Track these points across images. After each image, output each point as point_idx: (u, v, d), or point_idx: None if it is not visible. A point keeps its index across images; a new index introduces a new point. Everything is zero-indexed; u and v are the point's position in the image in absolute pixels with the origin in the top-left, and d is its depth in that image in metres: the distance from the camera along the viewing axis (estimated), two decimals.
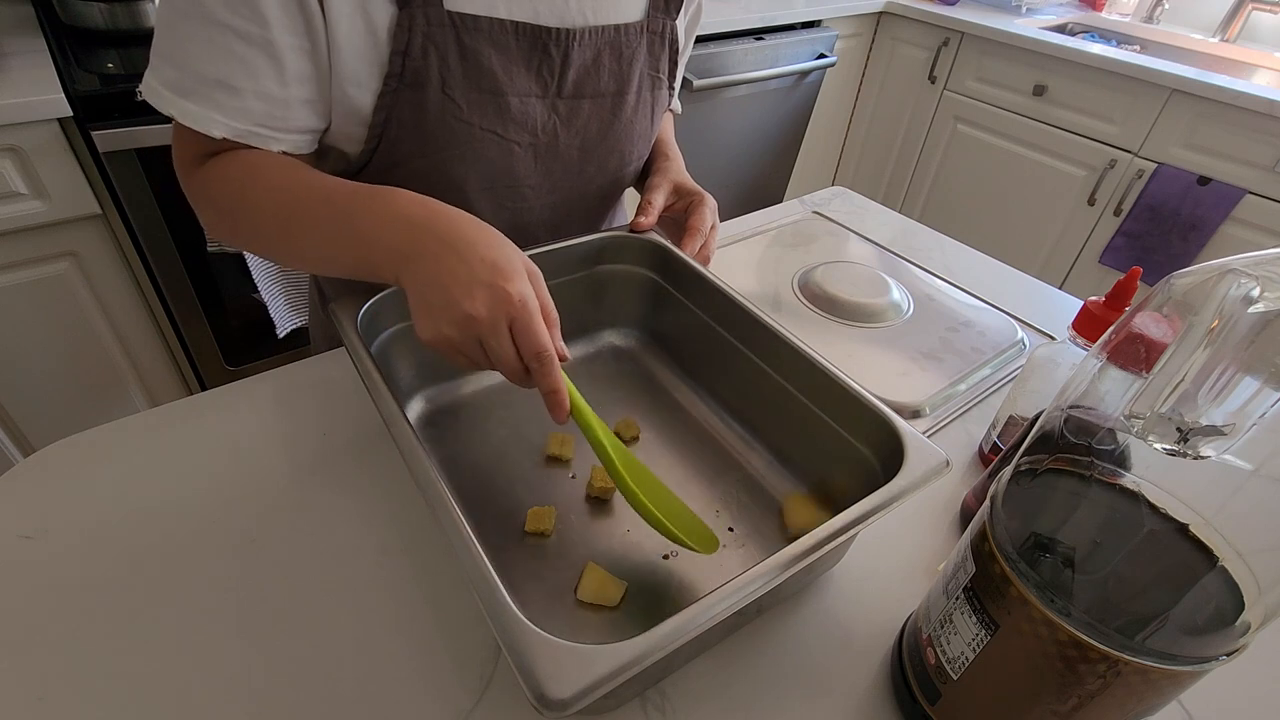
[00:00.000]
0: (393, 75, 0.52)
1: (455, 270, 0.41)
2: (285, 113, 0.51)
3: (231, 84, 0.48)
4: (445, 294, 0.41)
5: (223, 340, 1.33)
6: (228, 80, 0.47)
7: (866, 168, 2.34)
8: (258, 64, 0.48)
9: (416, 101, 0.53)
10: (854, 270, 0.81)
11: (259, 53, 0.47)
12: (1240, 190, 1.55)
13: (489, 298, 0.40)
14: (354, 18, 0.49)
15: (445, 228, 0.43)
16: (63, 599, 0.43)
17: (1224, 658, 0.28)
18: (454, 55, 0.52)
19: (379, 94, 0.52)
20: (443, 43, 0.52)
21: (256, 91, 0.48)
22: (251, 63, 0.47)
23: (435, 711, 0.39)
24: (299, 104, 0.51)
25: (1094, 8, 2.15)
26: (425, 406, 0.59)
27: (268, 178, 0.50)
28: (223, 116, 0.48)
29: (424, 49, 0.51)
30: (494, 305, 0.40)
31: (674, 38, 0.65)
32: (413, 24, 0.50)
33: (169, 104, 0.48)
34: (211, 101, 0.48)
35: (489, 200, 0.62)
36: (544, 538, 0.49)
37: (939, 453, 0.42)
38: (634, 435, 0.58)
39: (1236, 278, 0.25)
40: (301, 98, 0.51)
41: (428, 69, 0.52)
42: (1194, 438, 0.25)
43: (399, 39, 0.50)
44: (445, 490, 0.37)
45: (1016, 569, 0.31)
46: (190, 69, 0.48)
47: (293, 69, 0.49)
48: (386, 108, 0.53)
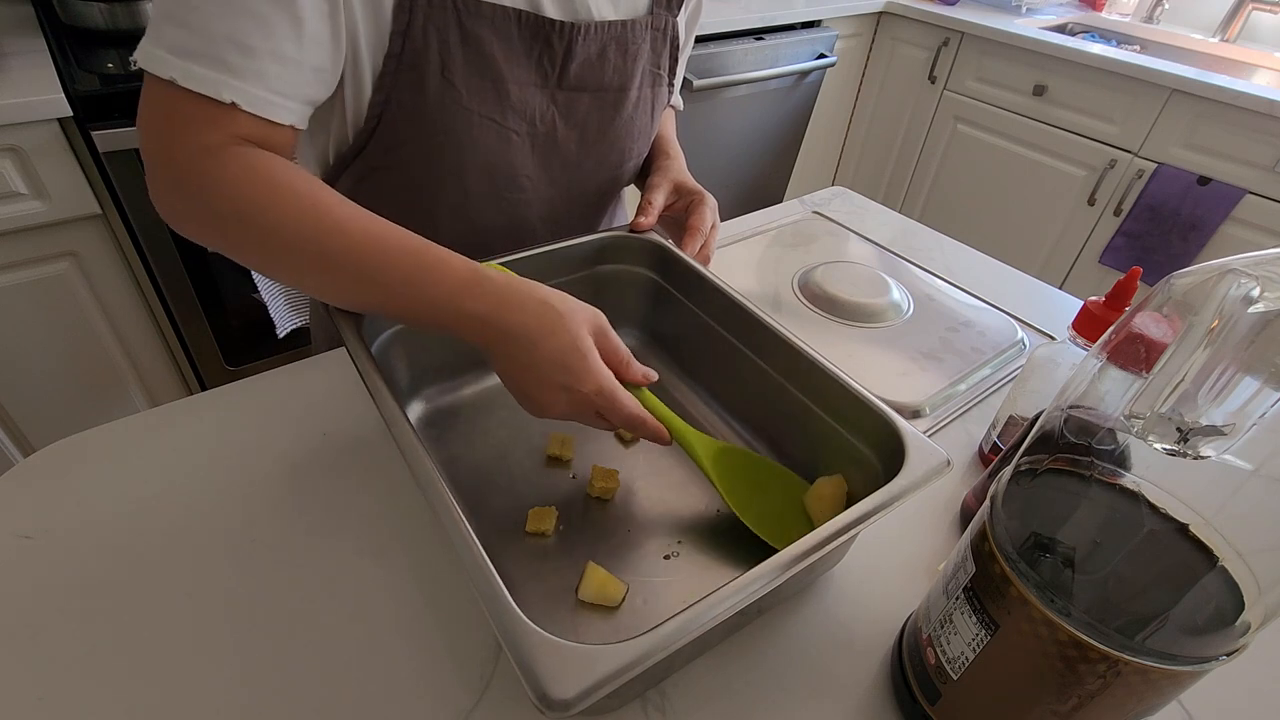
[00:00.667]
0: (392, 55, 0.51)
1: (528, 371, 0.44)
2: (298, 78, 0.47)
3: (247, 42, 0.44)
4: (529, 395, 0.45)
5: (223, 340, 1.33)
6: (243, 38, 0.43)
7: (866, 168, 2.34)
8: (276, 21, 0.44)
9: (415, 83, 0.53)
10: (854, 270, 0.82)
11: (279, 9, 0.44)
12: (1240, 190, 1.55)
13: (567, 401, 0.44)
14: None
15: (505, 324, 0.43)
16: (63, 599, 0.43)
17: (1224, 658, 0.28)
18: (455, 38, 0.52)
19: (379, 74, 0.52)
20: (443, 25, 0.51)
21: (272, 52, 0.45)
22: (270, 20, 0.44)
23: (435, 711, 0.39)
24: (310, 71, 0.48)
25: (1094, 8, 2.15)
26: (426, 407, 0.59)
27: (293, 199, 0.45)
28: (234, 79, 0.44)
29: (424, 30, 0.51)
30: (575, 406, 0.44)
31: (675, 34, 0.65)
32: (414, 4, 0.50)
33: (170, 67, 0.43)
34: (221, 63, 0.43)
35: (487, 190, 0.62)
36: (545, 538, 0.49)
37: (940, 452, 0.42)
38: (633, 437, 0.58)
39: (1236, 278, 0.25)
40: (314, 63, 0.48)
41: (427, 51, 0.52)
42: (1194, 438, 0.25)
43: (399, 19, 0.50)
44: (446, 490, 0.37)
45: (1016, 569, 0.31)
46: (200, 28, 0.43)
47: (311, 29, 0.46)
48: (386, 88, 0.53)
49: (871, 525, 0.38)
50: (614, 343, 0.46)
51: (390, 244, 0.45)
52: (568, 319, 0.44)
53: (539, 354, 0.43)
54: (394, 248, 0.45)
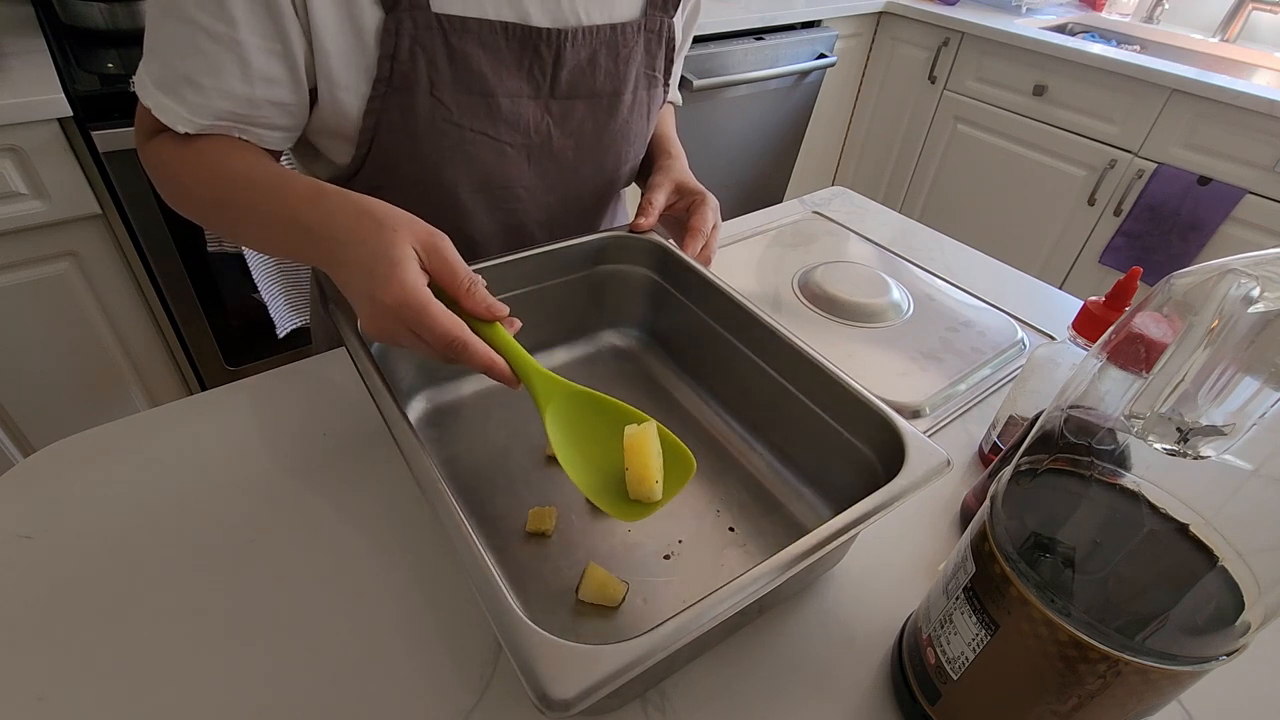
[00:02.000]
0: (381, 80, 0.52)
1: (345, 284, 0.43)
2: (252, 111, 0.51)
3: (197, 80, 0.48)
4: (352, 307, 0.44)
5: (223, 340, 1.33)
6: (194, 76, 0.48)
7: (866, 168, 2.34)
8: (222, 61, 0.48)
9: (405, 105, 0.53)
10: (854, 270, 0.82)
11: (224, 51, 0.47)
12: (1240, 190, 1.55)
13: (373, 312, 0.41)
14: (340, 22, 0.49)
15: (331, 232, 0.43)
16: (63, 599, 0.43)
17: (1224, 658, 0.28)
18: (442, 57, 0.52)
19: (368, 98, 0.52)
20: (430, 45, 0.51)
21: (220, 90, 0.49)
22: (216, 60, 0.48)
23: (435, 711, 0.39)
24: (266, 104, 0.51)
25: (1094, 8, 2.15)
26: (426, 407, 0.59)
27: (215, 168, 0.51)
28: (186, 112, 0.49)
29: (411, 52, 0.51)
30: (380, 317, 0.41)
31: (671, 36, 0.65)
32: (399, 27, 0.50)
33: (150, 95, 0.50)
34: (178, 96, 0.49)
35: (483, 202, 0.62)
36: (545, 538, 0.49)
37: (940, 452, 0.42)
38: None
39: (1236, 278, 0.25)
40: (269, 98, 0.51)
41: (416, 72, 0.52)
42: (1194, 438, 0.25)
43: (386, 43, 0.50)
44: (447, 491, 0.37)
45: (1016, 569, 0.31)
46: (168, 64, 0.49)
47: (259, 69, 0.49)
48: (375, 112, 0.53)
49: (871, 525, 0.38)
50: (450, 264, 0.42)
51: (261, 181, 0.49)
52: (385, 227, 0.41)
53: (349, 260, 0.42)
54: (262, 183, 0.48)
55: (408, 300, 0.40)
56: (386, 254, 0.40)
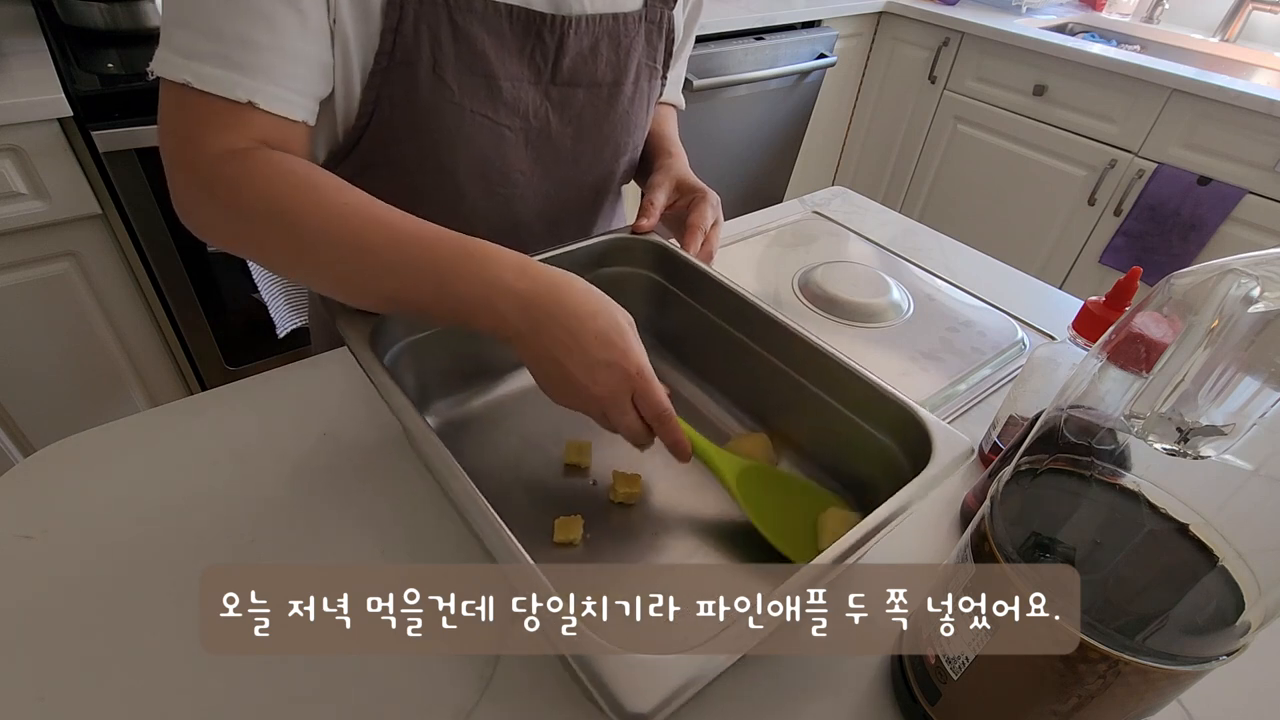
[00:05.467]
0: (383, 53, 0.51)
1: (571, 350, 0.42)
2: (306, 73, 0.48)
3: (253, 39, 0.44)
4: (566, 375, 0.43)
5: (223, 340, 1.33)
6: (249, 35, 0.44)
7: (866, 168, 2.34)
8: (281, 16, 0.45)
9: (408, 80, 0.53)
10: (854, 270, 0.81)
11: (283, 4, 0.45)
12: (1240, 190, 1.55)
13: (609, 377, 0.42)
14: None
15: (553, 302, 0.43)
16: (63, 599, 0.43)
17: (1224, 658, 0.28)
18: (446, 35, 0.52)
19: (370, 71, 0.52)
20: (435, 22, 0.51)
21: (280, 48, 0.45)
22: (275, 16, 0.45)
23: (435, 711, 0.39)
24: (317, 65, 0.49)
25: (1094, 8, 2.15)
26: (436, 421, 0.58)
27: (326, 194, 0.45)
28: (246, 77, 0.45)
29: (415, 27, 0.51)
30: (616, 383, 0.43)
31: (671, 28, 0.65)
32: (404, 1, 0.50)
33: (181, 70, 0.44)
34: (231, 62, 0.44)
35: (480, 186, 0.61)
36: (573, 547, 0.49)
37: (964, 439, 0.43)
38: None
39: (1236, 278, 0.25)
40: (320, 58, 0.49)
41: (419, 47, 0.51)
42: (1194, 438, 0.25)
43: (390, 15, 0.50)
44: (490, 509, 0.37)
45: (1017, 569, 0.31)
46: (208, 29, 0.44)
47: (315, 22, 0.47)
48: (377, 86, 0.53)
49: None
50: (641, 346, 0.46)
51: (428, 233, 0.45)
52: (612, 303, 0.45)
53: (586, 331, 0.42)
54: (431, 236, 0.45)
55: (643, 370, 0.43)
56: (621, 325, 0.43)
